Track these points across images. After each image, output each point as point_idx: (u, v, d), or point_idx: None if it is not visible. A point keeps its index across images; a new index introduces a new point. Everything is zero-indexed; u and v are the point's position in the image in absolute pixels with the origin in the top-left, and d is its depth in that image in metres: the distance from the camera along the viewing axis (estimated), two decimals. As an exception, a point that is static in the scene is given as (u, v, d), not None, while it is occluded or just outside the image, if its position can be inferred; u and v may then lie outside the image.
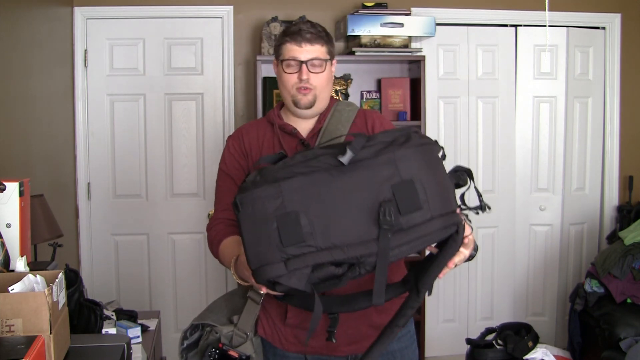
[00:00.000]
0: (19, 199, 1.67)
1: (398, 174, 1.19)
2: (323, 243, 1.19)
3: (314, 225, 1.19)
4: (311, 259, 1.20)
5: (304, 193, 1.20)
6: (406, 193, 1.18)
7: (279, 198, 1.20)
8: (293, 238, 1.19)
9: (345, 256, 1.19)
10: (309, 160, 1.23)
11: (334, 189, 1.19)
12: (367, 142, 1.22)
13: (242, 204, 1.24)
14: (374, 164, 1.19)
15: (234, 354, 1.62)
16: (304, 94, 1.69)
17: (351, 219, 1.19)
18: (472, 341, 3.36)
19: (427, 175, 1.21)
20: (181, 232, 3.78)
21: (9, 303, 1.30)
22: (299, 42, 1.68)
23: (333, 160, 1.20)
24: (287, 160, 1.27)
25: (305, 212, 1.19)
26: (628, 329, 3.18)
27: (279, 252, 1.20)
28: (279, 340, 1.71)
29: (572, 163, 4.07)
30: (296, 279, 1.21)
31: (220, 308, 1.75)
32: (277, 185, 1.21)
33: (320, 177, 1.20)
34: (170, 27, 3.73)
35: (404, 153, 1.20)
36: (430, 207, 1.20)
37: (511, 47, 3.98)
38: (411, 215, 1.19)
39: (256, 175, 1.27)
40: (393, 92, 3.73)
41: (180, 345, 1.72)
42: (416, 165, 1.21)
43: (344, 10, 3.73)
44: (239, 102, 3.79)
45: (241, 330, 1.66)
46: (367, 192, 1.19)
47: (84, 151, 3.68)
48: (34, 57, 2.97)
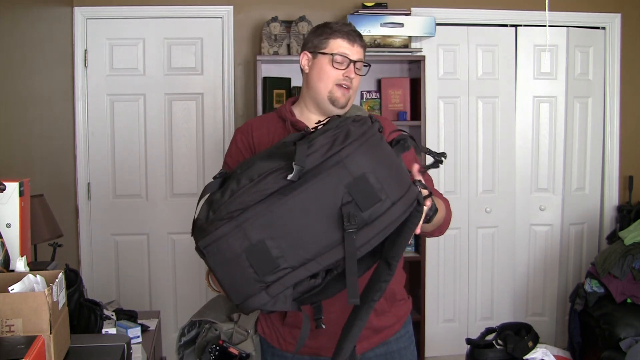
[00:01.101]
0: (19, 199, 1.67)
1: (348, 173, 1.18)
2: (297, 261, 1.19)
3: (282, 248, 1.19)
4: (290, 280, 1.20)
5: (263, 220, 1.19)
6: (362, 189, 1.18)
7: (240, 232, 1.19)
8: (267, 267, 1.19)
9: (321, 267, 1.20)
10: (256, 183, 1.21)
11: (291, 207, 1.18)
12: (309, 150, 1.20)
13: (206, 247, 1.22)
14: (323, 171, 1.18)
15: (234, 351, 1.62)
16: (343, 92, 1.69)
17: (316, 230, 1.19)
18: (472, 341, 3.36)
19: (377, 164, 1.20)
20: (181, 232, 3.78)
21: (9, 303, 1.30)
22: (352, 41, 1.68)
23: (282, 180, 1.19)
24: (233, 187, 1.24)
25: (271, 237, 1.19)
26: (628, 329, 3.18)
27: (256, 282, 1.20)
28: (277, 340, 1.71)
29: (572, 163, 4.07)
30: (281, 302, 1.22)
31: (219, 305, 1.75)
32: (234, 221, 1.19)
33: (274, 200, 1.19)
34: (170, 27, 3.73)
35: (348, 151, 1.19)
36: (389, 194, 1.20)
37: (511, 47, 3.98)
38: (372, 208, 1.18)
39: (208, 212, 1.25)
40: (393, 92, 3.73)
41: (177, 342, 1.72)
42: (363, 158, 1.20)
43: (344, 10, 3.73)
44: (239, 102, 3.79)
45: (242, 328, 1.66)
46: (324, 200, 1.18)
47: (84, 151, 3.68)
48: (34, 57, 2.97)
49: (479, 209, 4.00)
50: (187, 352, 1.71)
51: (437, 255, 3.95)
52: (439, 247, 3.94)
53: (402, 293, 1.79)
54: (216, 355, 1.61)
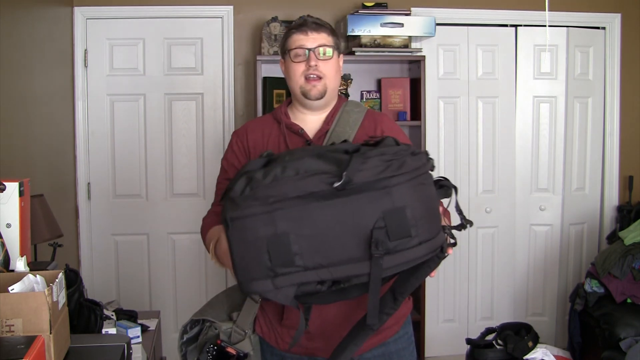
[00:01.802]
0: (19, 199, 1.67)
1: (391, 201, 1.21)
2: (311, 263, 1.22)
3: (302, 246, 1.21)
4: (298, 278, 1.22)
5: (296, 215, 1.21)
6: (397, 220, 1.20)
7: (270, 220, 1.21)
8: (283, 259, 1.21)
9: (331, 276, 1.22)
10: (301, 178, 1.22)
11: (326, 212, 1.21)
12: (361, 165, 1.22)
13: (233, 221, 1.24)
14: (368, 190, 1.20)
15: (232, 350, 1.62)
16: (313, 84, 1.68)
17: (340, 241, 1.21)
18: (472, 341, 3.36)
19: (418, 202, 1.23)
20: (181, 232, 3.78)
21: (9, 303, 1.30)
22: (305, 31, 1.69)
23: (326, 185, 1.20)
24: (277, 173, 1.25)
25: (296, 233, 1.21)
26: (628, 329, 3.18)
27: (267, 270, 1.22)
28: (275, 340, 1.71)
29: (572, 163, 4.06)
30: (282, 295, 1.24)
31: (220, 303, 1.75)
32: (268, 206, 1.21)
33: (312, 201, 1.21)
34: (170, 27, 3.73)
35: (398, 181, 1.22)
36: (419, 233, 1.22)
37: (511, 47, 3.98)
38: (400, 241, 1.21)
39: (245, 186, 1.26)
40: (393, 92, 3.73)
41: (179, 339, 1.72)
42: (409, 192, 1.22)
43: (344, 10, 3.73)
44: (239, 102, 3.79)
45: (240, 328, 1.66)
46: (358, 217, 1.20)
47: (84, 151, 3.68)
48: (34, 57, 2.97)
49: (479, 209, 4.00)
50: (189, 349, 1.71)
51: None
52: (439, 247, 3.95)
53: None
54: (214, 354, 1.61)
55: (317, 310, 1.62)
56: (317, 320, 1.63)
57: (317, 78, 1.68)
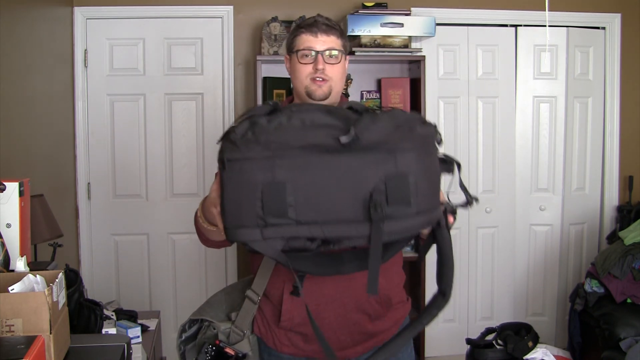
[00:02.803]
0: (19, 199, 1.67)
1: (395, 165, 1.17)
2: (304, 217, 1.17)
3: (298, 198, 1.16)
4: (288, 232, 1.18)
5: (296, 165, 1.17)
6: (398, 186, 1.16)
7: (269, 166, 1.17)
8: (275, 209, 1.16)
9: (323, 235, 1.18)
10: (306, 128, 1.18)
11: (327, 167, 1.16)
12: (371, 124, 1.17)
13: (230, 162, 1.20)
14: (374, 151, 1.16)
15: (230, 351, 1.62)
16: (319, 85, 1.66)
17: (338, 199, 1.16)
18: (472, 341, 3.36)
19: (421, 172, 1.20)
20: (181, 232, 3.77)
21: (9, 303, 1.30)
22: (315, 32, 1.67)
23: (332, 139, 1.15)
24: (282, 121, 1.19)
25: (293, 183, 1.16)
26: (628, 329, 3.18)
27: (257, 218, 1.18)
28: (273, 341, 1.70)
29: (572, 163, 4.06)
30: (269, 247, 1.19)
31: (219, 303, 1.75)
32: (269, 152, 1.17)
33: (315, 153, 1.16)
34: (170, 27, 3.73)
35: (405, 146, 1.18)
36: (418, 203, 1.18)
37: (511, 47, 3.98)
38: (397, 207, 1.17)
39: (247, 130, 1.20)
40: (393, 92, 3.73)
41: (178, 338, 1.72)
42: (415, 159, 1.19)
43: (344, 10, 3.73)
44: (239, 102, 3.78)
45: (238, 328, 1.66)
46: (359, 177, 1.16)
47: (84, 151, 3.68)
48: (34, 57, 2.97)
49: (479, 209, 4.00)
50: (188, 348, 1.71)
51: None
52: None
53: (399, 296, 1.78)
54: (212, 355, 1.61)
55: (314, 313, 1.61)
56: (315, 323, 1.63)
57: (323, 80, 1.67)
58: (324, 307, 1.62)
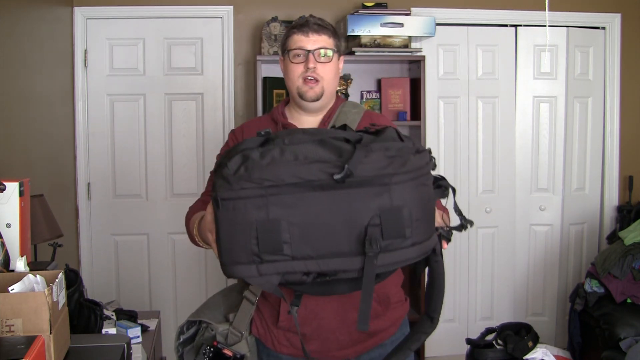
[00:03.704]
0: (19, 199, 1.67)
1: (389, 199, 1.17)
2: (299, 253, 1.17)
3: (293, 235, 1.16)
4: (284, 267, 1.18)
5: (290, 202, 1.16)
6: (393, 220, 1.17)
7: (262, 203, 1.16)
8: (271, 246, 1.17)
9: (319, 269, 1.18)
10: (300, 164, 1.17)
11: (321, 203, 1.16)
12: (364, 159, 1.17)
13: (224, 201, 1.19)
14: (368, 185, 1.16)
15: (228, 352, 1.61)
16: (310, 86, 1.66)
17: (333, 234, 1.17)
18: (472, 341, 3.36)
19: (417, 203, 1.19)
20: (181, 232, 3.71)
21: (9, 303, 1.30)
22: (306, 32, 1.67)
23: (325, 175, 1.15)
24: (275, 155, 1.19)
25: (287, 220, 1.16)
26: (628, 329, 3.18)
27: (253, 255, 1.18)
28: (271, 342, 1.70)
29: (572, 163, 4.07)
30: (266, 281, 1.20)
31: (217, 304, 1.74)
32: (262, 190, 1.16)
33: (311, 190, 1.16)
34: (170, 27, 3.73)
35: (400, 179, 1.18)
36: (413, 234, 1.18)
37: (511, 47, 3.98)
38: (393, 240, 1.17)
39: (240, 166, 1.20)
40: (393, 92, 3.73)
41: (176, 340, 1.71)
42: (409, 193, 1.19)
43: (344, 10, 3.73)
44: (239, 102, 3.78)
45: (236, 329, 1.66)
46: (355, 212, 1.16)
47: (84, 151, 3.68)
48: (34, 57, 2.97)
49: (479, 209, 4.00)
50: (186, 350, 1.71)
51: (437, 255, 3.95)
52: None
53: (398, 295, 1.78)
54: (210, 356, 1.61)
55: (312, 313, 1.61)
56: (313, 323, 1.62)
57: (315, 80, 1.67)
58: (322, 307, 1.62)
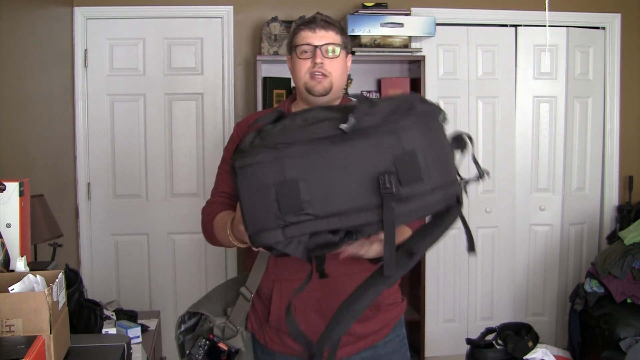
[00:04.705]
0: (19, 199, 1.67)
1: (400, 144, 1.16)
2: (321, 211, 1.17)
3: (312, 193, 1.17)
4: (309, 227, 1.18)
5: (304, 161, 1.17)
6: (408, 164, 1.16)
7: (278, 165, 1.18)
8: (292, 207, 1.17)
9: (343, 225, 1.18)
10: (309, 125, 1.20)
11: (334, 157, 1.17)
12: (369, 109, 1.18)
13: (241, 169, 1.21)
14: (376, 134, 1.16)
15: (223, 346, 1.62)
16: (318, 80, 1.65)
17: (350, 187, 1.16)
18: (472, 341, 3.36)
19: (429, 146, 1.18)
20: (181, 232, 3.78)
21: (9, 303, 1.30)
22: (313, 28, 1.67)
23: (334, 129, 1.17)
24: (286, 123, 1.23)
25: (305, 179, 1.17)
26: (628, 329, 3.18)
27: (276, 219, 1.18)
28: (264, 339, 1.71)
29: (572, 163, 4.06)
30: (293, 246, 1.20)
31: (218, 297, 1.76)
32: (277, 152, 1.18)
33: (320, 145, 1.17)
34: (170, 27, 3.73)
35: (407, 123, 1.17)
36: (431, 178, 1.17)
37: (511, 47, 3.98)
38: (411, 186, 1.16)
39: (255, 137, 1.24)
40: (393, 92, 3.73)
41: (177, 329, 1.72)
42: (419, 135, 1.18)
43: (344, 10, 3.73)
44: (239, 102, 3.78)
45: (232, 324, 1.66)
46: (368, 162, 1.16)
47: (84, 151, 3.68)
48: (34, 57, 2.97)
49: (479, 209, 4.00)
50: (187, 339, 1.72)
51: (437, 255, 3.95)
52: (439, 247, 3.94)
53: (392, 297, 1.77)
54: (205, 349, 1.62)
55: (300, 316, 1.60)
56: (303, 325, 1.63)
57: (323, 75, 1.66)
58: (311, 310, 1.63)
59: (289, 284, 1.63)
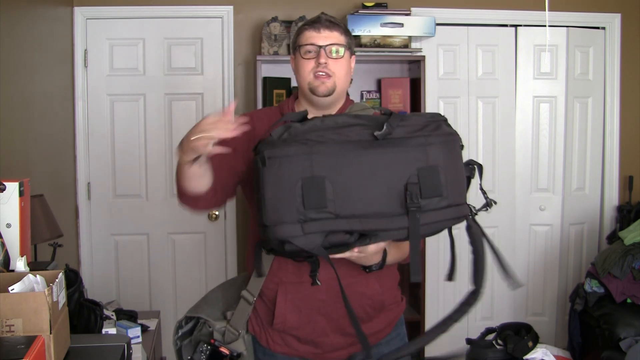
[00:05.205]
0: (19, 199, 1.67)
1: (426, 158, 1.24)
2: (342, 211, 1.22)
3: (337, 193, 1.21)
4: (328, 225, 1.22)
5: (333, 160, 1.22)
6: (430, 178, 1.23)
7: (307, 160, 1.21)
8: (315, 202, 1.21)
9: (362, 227, 1.22)
10: (340, 127, 1.25)
11: (363, 161, 1.22)
12: (401, 122, 1.25)
13: (270, 159, 1.24)
14: (406, 145, 1.24)
15: (225, 350, 1.62)
16: (322, 81, 1.64)
17: (375, 192, 1.22)
18: (472, 341, 3.36)
19: (450, 166, 1.27)
20: (181, 232, 3.78)
21: (9, 303, 1.30)
22: (317, 28, 1.66)
23: (366, 135, 1.23)
24: (316, 123, 1.28)
25: (331, 178, 1.21)
26: (628, 329, 3.17)
27: (297, 213, 1.22)
28: (266, 341, 1.71)
29: (572, 163, 4.06)
30: (310, 241, 1.23)
31: (216, 300, 1.75)
32: (307, 148, 1.22)
33: (352, 148, 1.22)
34: (170, 27, 3.73)
35: (435, 140, 1.25)
36: (448, 195, 1.25)
37: (511, 47, 3.98)
38: (431, 199, 1.23)
39: (283, 132, 1.27)
40: (393, 92, 3.73)
41: (174, 334, 1.72)
42: (442, 154, 1.26)
43: (344, 10, 3.73)
44: (239, 102, 3.78)
45: (233, 328, 1.66)
46: (394, 170, 1.23)
47: (84, 151, 3.68)
48: (34, 57, 2.97)
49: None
50: (184, 343, 1.72)
51: (437, 255, 3.95)
52: (439, 247, 3.94)
53: (393, 297, 1.78)
54: (207, 354, 1.61)
55: (305, 318, 1.61)
56: (307, 327, 1.63)
57: (327, 75, 1.64)
58: (317, 312, 1.63)
59: (293, 287, 1.63)
